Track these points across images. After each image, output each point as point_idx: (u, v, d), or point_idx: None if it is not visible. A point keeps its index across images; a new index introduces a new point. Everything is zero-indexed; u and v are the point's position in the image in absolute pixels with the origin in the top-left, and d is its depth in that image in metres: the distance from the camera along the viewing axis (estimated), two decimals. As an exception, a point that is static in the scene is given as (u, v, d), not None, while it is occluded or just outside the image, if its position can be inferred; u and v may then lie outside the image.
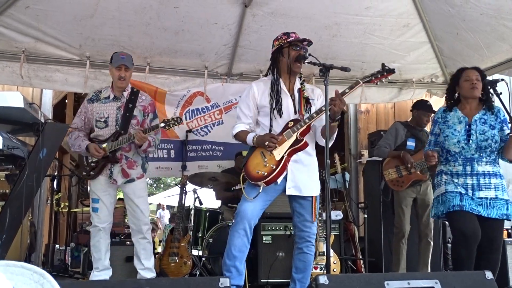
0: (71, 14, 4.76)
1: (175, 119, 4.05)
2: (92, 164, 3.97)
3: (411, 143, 4.82)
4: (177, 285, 1.83)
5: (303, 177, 3.25)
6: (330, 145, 3.26)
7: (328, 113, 2.99)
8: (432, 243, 4.67)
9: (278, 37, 3.37)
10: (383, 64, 3.25)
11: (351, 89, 3.17)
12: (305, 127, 3.20)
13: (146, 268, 4.07)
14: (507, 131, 3.43)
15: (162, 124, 4.01)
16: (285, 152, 3.19)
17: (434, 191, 3.64)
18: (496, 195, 3.37)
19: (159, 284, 1.80)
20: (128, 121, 4.04)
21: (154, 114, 4.24)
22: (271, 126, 3.28)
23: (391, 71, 3.21)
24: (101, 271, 3.96)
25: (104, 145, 3.95)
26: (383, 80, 3.27)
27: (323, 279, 1.90)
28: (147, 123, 4.16)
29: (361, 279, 1.97)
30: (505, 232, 5.01)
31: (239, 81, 5.95)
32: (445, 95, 3.76)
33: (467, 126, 3.47)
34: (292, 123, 3.25)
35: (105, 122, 4.00)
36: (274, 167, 3.16)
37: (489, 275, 2.11)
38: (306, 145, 3.23)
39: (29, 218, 4.71)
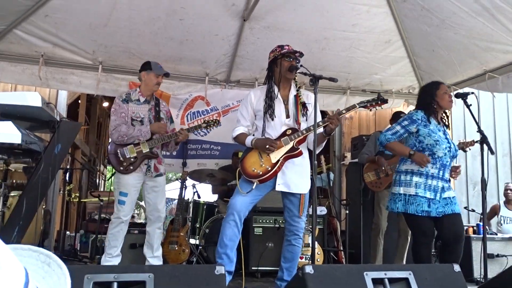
0: (87, 22, 4.74)
1: (214, 120, 4.21)
2: (132, 159, 3.89)
3: None
4: (177, 271, 1.82)
5: (293, 175, 3.25)
6: (318, 151, 3.30)
7: (320, 123, 3.10)
8: (409, 239, 4.67)
9: (273, 50, 3.38)
10: (379, 94, 3.31)
11: (348, 111, 3.23)
12: (302, 137, 3.22)
13: (155, 256, 4.04)
14: None
15: (204, 125, 4.17)
16: (281, 157, 3.20)
17: (396, 187, 3.45)
18: (454, 194, 3.41)
19: (161, 270, 1.79)
20: (159, 121, 4.08)
21: (171, 119, 4.31)
22: (264, 128, 3.29)
23: (385, 101, 3.27)
24: (114, 257, 3.92)
25: (142, 142, 3.92)
26: (376, 108, 3.31)
27: (309, 269, 1.90)
28: (168, 126, 4.20)
29: (343, 269, 1.97)
30: (470, 229, 5.06)
31: (236, 87, 5.95)
32: (420, 106, 3.56)
33: (444, 136, 3.46)
34: (290, 131, 3.26)
35: (141, 122, 3.97)
36: (269, 168, 3.17)
37: (457, 268, 2.11)
38: (300, 153, 3.25)
39: (43, 206, 4.69)
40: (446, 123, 3.58)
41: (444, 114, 3.58)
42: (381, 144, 3.52)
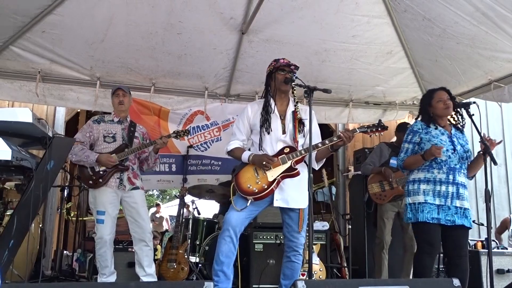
0: (84, 38, 4.80)
1: (184, 131, 4.35)
2: (101, 172, 3.95)
3: (393, 161, 4.81)
4: (164, 288, 1.81)
5: (291, 190, 3.24)
6: (319, 166, 3.32)
7: (327, 141, 3.21)
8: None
9: (269, 64, 3.42)
10: (380, 121, 3.37)
11: (359, 131, 3.36)
12: (300, 157, 3.22)
13: (148, 274, 4.03)
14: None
15: (174, 135, 4.26)
16: (278, 175, 3.20)
17: (407, 197, 3.51)
18: (468, 206, 3.37)
19: (147, 287, 1.78)
20: (132, 138, 4.19)
21: (150, 141, 4.36)
22: (260, 142, 3.29)
23: (385, 128, 3.32)
24: (109, 276, 3.97)
25: (112, 155, 4.01)
26: (376, 134, 3.40)
27: (301, 284, 1.88)
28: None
29: (336, 285, 1.95)
30: (479, 244, 4.99)
31: (236, 101, 5.97)
32: (418, 116, 3.70)
33: (449, 138, 3.46)
34: (288, 149, 3.26)
35: (113, 138, 4.11)
36: (266, 186, 3.17)
37: (456, 282, 2.08)
38: (298, 174, 3.24)
39: (40, 225, 4.69)
40: (461, 124, 3.59)
41: (457, 116, 3.60)
42: (400, 167, 3.61)
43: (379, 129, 3.31)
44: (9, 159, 2.47)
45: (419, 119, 3.68)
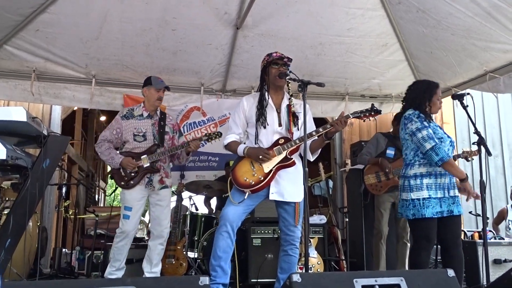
0: (78, 36, 4.79)
1: (216, 133, 4.14)
2: (132, 174, 3.93)
3: (390, 152, 4.83)
4: (160, 284, 1.82)
5: (287, 184, 3.25)
6: (314, 157, 3.32)
7: (321, 129, 3.17)
8: (408, 244, 4.66)
9: (263, 59, 3.43)
10: (372, 105, 3.33)
11: (353, 116, 3.25)
12: (294, 147, 3.23)
13: (153, 272, 4.03)
14: None
15: (206, 137, 4.13)
16: (273, 166, 3.21)
17: (406, 192, 3.41)
18: (458, 194, 3.39)
19: (144, 283, 1.79)
20: (163, 136, 4.11)
21: (180, 132, 4.34)
22: (256, 136, 3.30)
23: (378, 112, 3.28)
24: (118, 270, 3.95)
25: (143, 157, 3.97)
26: (370, 119, 3.33)
27: (296, 277, 1.90)
28: (176, 138, 4.24)
29: (332, 277, 1.96)
30: (476, 234, 5.01)
31: (232, 96, 5.97)
32: (413, 104, 3.54)
33: (442, 130, 3.48)
34: (283, 140, 3.27)
35: (143, 136, 4.01)
36: (262, 178, 3.18)
37: (451, 272, 2.09)
38: (293, 163, 3.25)
39: (38, 223, 4.70)
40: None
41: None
42: (443, 159, 3.24)
43: (372, 113, 3.27)
44: (4, 158, 2.48)
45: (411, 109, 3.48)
